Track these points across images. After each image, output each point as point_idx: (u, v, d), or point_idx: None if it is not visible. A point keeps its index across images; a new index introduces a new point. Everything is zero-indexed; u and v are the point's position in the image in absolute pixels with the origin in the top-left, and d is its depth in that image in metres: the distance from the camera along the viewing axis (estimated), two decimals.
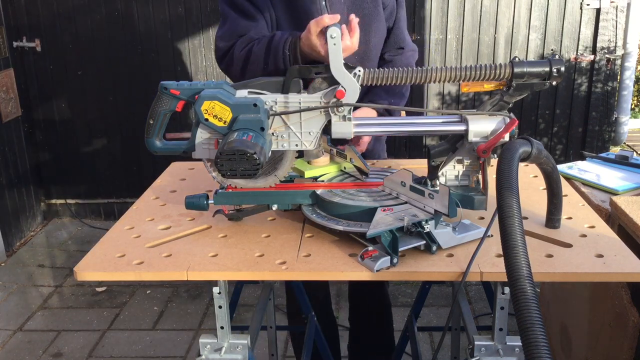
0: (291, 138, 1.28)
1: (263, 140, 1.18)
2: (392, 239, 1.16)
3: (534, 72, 1.22)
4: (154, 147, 1.37)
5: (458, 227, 1.25)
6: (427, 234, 1.19)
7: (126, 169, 4.06)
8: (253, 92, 1.26)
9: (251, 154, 1.12)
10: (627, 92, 3.91)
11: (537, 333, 0.75)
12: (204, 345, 1.30)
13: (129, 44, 3.81)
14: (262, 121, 1.19)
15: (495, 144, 1.21)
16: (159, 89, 1.30)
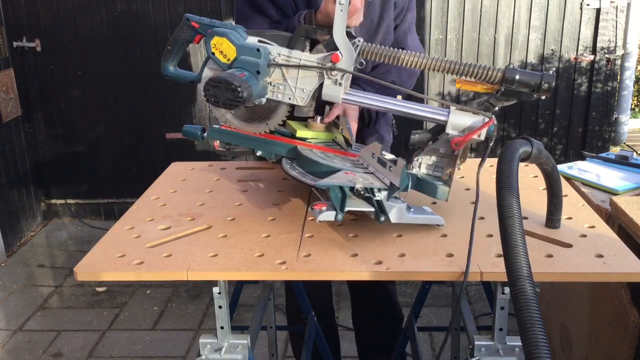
0: (286, 91, 1.34)
1: (255, 82, 1.27)
2: (341, 195, 1.22)
3: (524, 82, 1.22)
4: (167, 71, 1.48)
5: (414, 209, 1.29)
6: (377, 202, 1.22)
7: (126, 169, 4.06)
8: (263, 41, 1.33)
9: (235, 87, 1.20)
10: (627, 92, 3.91)
11: (537, 333, 0.75)
12: (204, 345, 1.30)
13: (129, 44, 3.81)
14: (259, 65, 1.28)
15: (468, 139, 1.23)
16: (182, 19, 1.47)
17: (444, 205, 1.47)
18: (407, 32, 1.88)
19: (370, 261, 1.19)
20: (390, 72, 1.83)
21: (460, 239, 1.28)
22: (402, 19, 1.86)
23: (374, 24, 1.80)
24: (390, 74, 1.83)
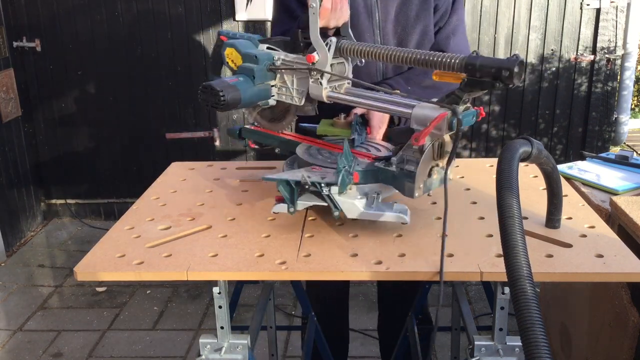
0: (286, 92, 1.42)
1: (247, 86, 1.36)
2: (288, 190, 1.28)
3: (484, 68, 1.13)
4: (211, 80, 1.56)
5: (377, 204, 1.28)
6: (329, 197, 1.26)
7: (126, 169, 4.06)
8: (270, 47, 1.43)
9: (217, 92, 1.30)
10: (627, 92, 3.91)
11: (537, 333, 0.75)
12: (204, 345, 1.30)
13: (129, 44, 3.81)
14: (254, 70, 1.37)
15: (424, 134, 1.18)
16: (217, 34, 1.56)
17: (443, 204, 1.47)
18: (451, 35, 1.82)
19: (370, 261, 1.19)
20: (427, 75, 1.76)
21: (461, 239, 1.28)
22: (445, 22, 1.81)
23: (409, 23, 1.77)
24: (428, 76, 1.75)
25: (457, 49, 1.83)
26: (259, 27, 3.73)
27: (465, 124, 1.19)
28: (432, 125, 1.17)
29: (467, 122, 1.20)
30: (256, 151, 4.00)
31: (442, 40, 1.82)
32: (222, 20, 3.72)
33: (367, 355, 2.68)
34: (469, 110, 1.20)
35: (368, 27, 1.74)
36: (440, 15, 1.81)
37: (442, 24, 1.82)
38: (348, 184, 1.26)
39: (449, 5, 1.80)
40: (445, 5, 1.80)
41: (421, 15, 1.78)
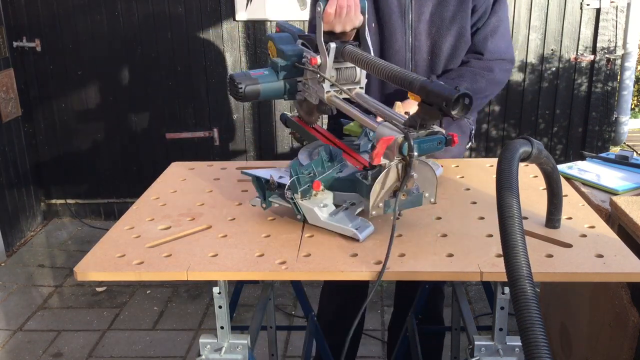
0: (308, 90, 1.46)
1: (270, 79, 1.42)
2: (260, 186, 1.36)
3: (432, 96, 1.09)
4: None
5: (342, 215, 1.29)
6: (292, 200, 1.30)
7: (126, 169, 4.07)
8: (304, 44, 1.47)
9: (237, 83, 1.39)
10: (627, 92, 3.91)
11: (537, 333, 0.75)
12: (204, 345, 1.30)
13: (129, 44, 3.81)
14: (278, 65, 1.42)
15: (377, 154, 1.15)
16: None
17: (445, 204, 1.47)
18: (489, 36, 1.77)
19: (370, 261, 1.19)
20: (463, 78, 1.75)
21: (461, 239, 1.28)
22: (484, 23, 1.77)
23: (444, 24, 1.74)
24: (464, 79, 1.74)
25: (495, 50, 1.78)
26: (258, 27, 3.73)
27: (424, 150, 1.14)
28: (381, 147, 1.14)
29: (429, 149, 1.15)
30: (256, 151, 4.01)
31: (479, 41, 1.77)
32: (222, 20, 3.72)
33: (367, 355, 2.68)
34: (434, 136, 1.15)
35: (400, 27, 1.72)
36: (479, 16, 1.76)
37: (480, 24, 1.77)
38: (306, 190, 1.29)
39: (489, 6, 1.75)
40: (485, 5, 1.74)
41: (457, 17, 1.74)
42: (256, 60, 3.80)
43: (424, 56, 1.76)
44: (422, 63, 1.77)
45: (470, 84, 1.73)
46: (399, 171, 1.19)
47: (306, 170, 1.32)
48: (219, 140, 3.95)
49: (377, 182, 1.18)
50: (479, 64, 1.77)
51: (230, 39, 3.76)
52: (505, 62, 1.80)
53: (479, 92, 1.76)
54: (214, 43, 3.77)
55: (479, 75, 1.75)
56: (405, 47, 1.74)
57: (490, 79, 1.76)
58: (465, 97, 1.06)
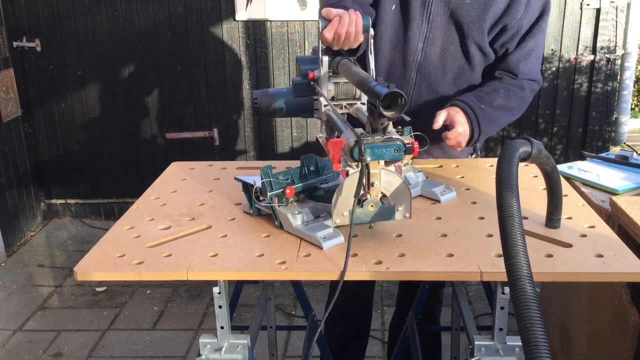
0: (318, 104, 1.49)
1: (288, 96, 1.48)
2: (247, 191, 1.40)
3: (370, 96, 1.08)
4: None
5: (315, 224, 1.30)
6: (270, 206, 1.33)
7: (126, 169, 4.07)
8: None
9: (254, 99, 1.47)
10: (627, 92, 3.91)
11: (537, 333, 0.75)
12: (204, 345, 1.30)
13: (129, 44, 3.81)
14: (295, 82, 1.48)
15: (334, 160, 1.14)
16: None
17: (445, 204, 1.47)
18: (522, 59, 1.74)
19: (370, 261, 1.19)
20: (498, 93, 1.73)
21: (460, 239, 1.28)
22: (519, 44, 1.73)
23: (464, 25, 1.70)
24: (498, 95, 1.72)
25: (527, 72, 1.76)
26: (258, 27, 3.73)
27: (379, 156, 1.11)
28: (332, 150, 1.12)
29: (384, 156, 1.11)
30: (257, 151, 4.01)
31: (512, 63, 1.75)
32: (222, 20, 3.72)
33: (367, 355, 2.68)
34: (391, 143, 1.11)
35: (418, 16, 1.70)
36: (510, 36, 1.72)
37: (510, 45, 1.74)
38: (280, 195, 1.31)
39: (522, 27, 1.71)
40: (516, 26, 1.70)
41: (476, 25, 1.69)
42: (256, 61, 3.80)
43: (436, 50, 1.73)
44: (434, 56, 1.74)
45: (504, 100, 1.72)
46: (361, 180, 1.15)
47: (283, 175, 1.35)
48: (219, 140, 3.95)
49: (337, 190, 1.17)
50: (512, 82, 1.76)
51: (230, 39, 3.76)
52: (535, 83, 1.79)
53: (510, 109, 1.75)
54: (214, 43, 3.77)
55: (512, 92, 1.74)
56: (419, 36, 1.72)
57: (521, 97, 1.76)
58: (399, 97, 1.03)
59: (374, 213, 1.18)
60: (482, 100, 1.69)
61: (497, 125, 1.75)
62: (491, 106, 1.69)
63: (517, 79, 1.76)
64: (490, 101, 1.70)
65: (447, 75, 1.76)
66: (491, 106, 1.69)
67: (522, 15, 1.68)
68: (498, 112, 1.71)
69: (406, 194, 1.18)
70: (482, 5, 1.68)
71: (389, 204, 1.19)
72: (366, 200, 1.17)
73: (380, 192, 1.17)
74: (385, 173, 1.16)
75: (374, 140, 1.11)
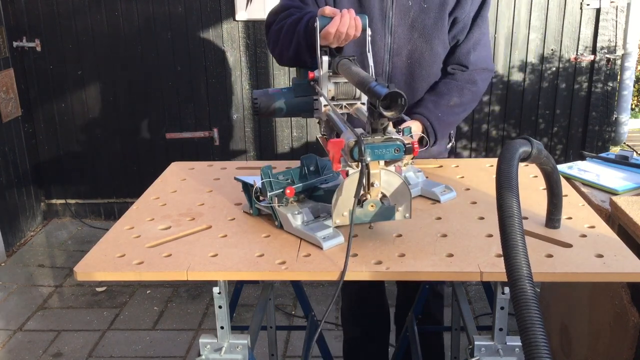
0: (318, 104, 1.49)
1: (287, 95, 1.48)
2: (247, 191, 1.42)
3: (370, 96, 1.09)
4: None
5: (314, 224, 1.30)
6: (270, 206, 1.34)
7: (126, 169, 4.06)
8: None
9: (254, 99, 1.47)
10: (627, 92, 3.91)
11: (537, 333, 0.75)
12: (204, 345, 1.30)
13: (129, 44, 3.81)
14: (295, 82, 1.49)
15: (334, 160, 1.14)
16: None
17: (445, 204, 1.47)
18: (471, 50, 1.79)
19: (370, 261, 1.19)
20: (451, 93, 1.80)
21: (460, 239, 1.28)
22: (466, 36, 1.79)
23: (426, 30, 1.75)
24: (452, 94, 1.79)
25: (478, 61, 1.81)
26: (258, 27, 3.73)
27: (379, 157, 1.11)
28: (332, 150, 1.13)
29: (384, 156, 1.11)
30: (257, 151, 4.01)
31: (462, 54, 1.80)
32: (222, 20, 3.72)
33: None
34: (391, 143, 1.11)
35: (380, 29, 1.74)
36: (459, 29, 1.77)
37: (461, 37, 1.79)
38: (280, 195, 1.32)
39: (470, 19, 1.76)
40: (465, 19, 1.76)
41: (438, 24, 1.74)
42: (256, 61, 3.80)
43: (402, 59, 1.78)
44: (401, 65, 1.79)
45: (459, 97, 1.79)
46: (360, 180, 1.15)
47: (283, 176, 1.35)
48: (219, 140, 3.95)
49: (337, 190, 1.16)
50: (464, 77, 1.81)
51: (230, 39, 3.76)
52: (487, 71, 1.85)
53: (465, 104, 1.83)
54: (214, 43, 3.77)
55: (466, 89, 1.81)
56: (384, 48, 1.76)
57: (474, 91, 1.83)
58: (399, 97, 1.03)
59: (374, 213, 1.18)
60: (439, 105, 1.77)
61: (454, 124, 1.86)
62: (448, 107, 1.78)
63: (468, 72, 1.82)
64: (446, 103, 1.78)
65: (417, 82, 1.81)
66: (448, 107, 1.78)
67: (470, 7, 1.75)
68: (455, 111, 1.79)
69: (406, 194, 1.18)
70: (438, 6, 1.74)
71: (389, 204, 1.19)
72: (366, 200, 1.17)
73: (380, 192, 1.17)
74: (385, 173, 1.16)
75: (374, 141, 1.12)
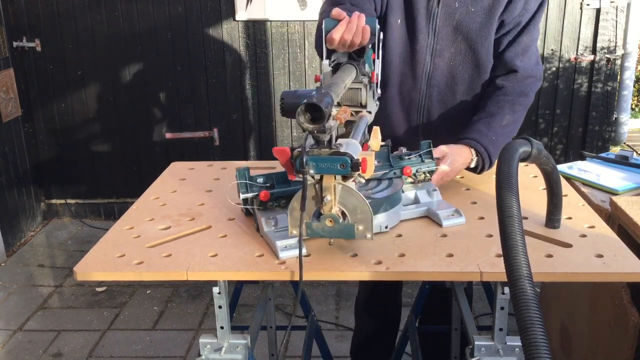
0: None
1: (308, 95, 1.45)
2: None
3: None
4: None
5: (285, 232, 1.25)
6: (252, 209, 1.37)
7: (126, 169, 4.06)
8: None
9: (281, 99, 1.39)
10: (627, 92, 3.91)
11: (537, 333, 0.75)
12: (204, 345, 1.30)
13: (129, 44, 3.81)
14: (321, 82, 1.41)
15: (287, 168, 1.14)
16: None
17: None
18: (520, 54, 1.73)
19: (370, 261, 1.19)
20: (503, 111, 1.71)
21: (460, 239, 1.28)
22: (513, 40, 1.72)
23: (472, 34, 1.70)
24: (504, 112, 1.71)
25: (527, 67, 1.74)
26: (258, 27, 3.73)
27: (322, 170, 1.06)
28: (279, 157, 1.10)
29: (329, 170, 1.06)
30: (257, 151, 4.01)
31: (510, 58, 1.73)
32: (222, 20, 3.72)
33: None
34: (338, 157, 1.05)
35: (424, 29, 1.70)
36: (506, 31, 1.71)
37: (506, 41, 1.73)
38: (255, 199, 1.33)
39: (519, 23, 1.71)
40: (514, 22, 1.70)
41: (485, 29, 1.69)
42: (256, 61, 3.80)
43: (445, 61, 1.73)
44: (443, 67, 1.74)
45: (512, 114, 1.71)
46: (316, 192, 1.10)
47: (263, 179, 1.35)
48: (219, 140, 3.95)
49: (293, 199, 1.12)
50: (514, 89, 1.73)
51: (230, 39, 3.76)
52: (536, 79, 1.78)
53: (517, 120, 1.74)
54: (214, 43, 3.77)
55: (517, 103, 1.73)
56: (426, 49, 1.72)
57: (526, 104, 1.75)
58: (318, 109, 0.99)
59: (332, 229, 1.11)
60: (491, 127, 1.66)
61: (507, 142, 1.74)
62: (501, 127, 1.68)
63: (519, 81, 1.74)
64: (499, 123, 1.68)
65: (458, 85, 1.75)
66: (501, 127, 1.68)
67: (520, 12, 1.68)
68: (507, 130, 1.70)
69: (367, 212, 1.10)
70: (486, 11, 1.66)
71: (348, 222, 1.11)
72: (322, 214, 1.11)
73: (337, 208, 1.10)
74: (343, 189, 1.10)
75: (320, 153, 1.05)
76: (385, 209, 1.30)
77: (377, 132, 1.35)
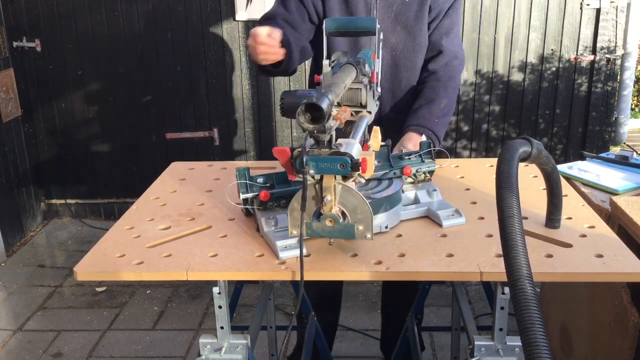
0: None
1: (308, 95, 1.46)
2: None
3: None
4: None
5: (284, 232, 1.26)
6: (252, 209, 1.37)
7: (126, 169, 4.06)
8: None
9: (281, 98, 1.39)
10: (627, 92, 3.91)
11: (537, 333, 0.75)
12: (204, 345, 1.30)
13: (129, 44, 3.81)
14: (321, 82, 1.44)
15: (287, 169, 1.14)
16: None
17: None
18: (444, 35, 1.90)
19: (370, 261, 1.19)
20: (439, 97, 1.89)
21: (460, 239, 1.28)
22: (438, 24, 1.89)
23: (409, 22, 1.85)
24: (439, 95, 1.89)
25: (451, 48, 1.91)
26: None
27: (322, 170, 1.06)
28: (279, 158, 1.10)
29: (329, 170, 1.06)
30: None
31: (436, 40, 1.91)
32: (222, 20, 3.72)
33: (367, 355, 2.68)
34: (338, 157, 1.06)
35: None
36: (433, 17, 1.88)
37: (434, 25, 1.90)
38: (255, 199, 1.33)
39: (443, 9, 1.88)
40: (439, 8, 1.87)
41: (420, 16, 1.85)
42: None
43: (387, 51, 1.87)
44: (386, 57, 1.88)
45: (446, 97, 1.88)
46: (316, 192, 1.10)
47: (264, 179, 1.35)
48: (219, 140, 3.95)
49: (293, 199, 1.12)
50: (445, 73, 1.89)
51: (230, 39, 3.76)
52: (459, 60, 1.94)
53: (452, 101, 1.90)
54: (214, 43, 3.77)
55: (450, 87, 1.90)
56: (369, 42, 1.82)
57: (456, 87, 1.93)
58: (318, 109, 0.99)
59: (332, 229, 1.12)
60: (432, 111, 1.84)
61: (447, 122, 1.93)
62: (440, 109, 1.85)
63: (445, 63, 1.90)
64: (438, 106, 1.85)
65: (402, 72, 1.90)
66: (440, 109, 1.85)
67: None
68: (445, 111, 1.87)
69: (367, 213, 1.10)
70: (419, 0, 1.84)
71: (347, 222, 1.12)
72: (322, 214, 1.11)
73: (337, 208, 1.11)
74: (343, 189, 1.10)
75: (320, 153, 1.06)
76: (385, 209, 1.30)
77: (377, 132, 1.35)
